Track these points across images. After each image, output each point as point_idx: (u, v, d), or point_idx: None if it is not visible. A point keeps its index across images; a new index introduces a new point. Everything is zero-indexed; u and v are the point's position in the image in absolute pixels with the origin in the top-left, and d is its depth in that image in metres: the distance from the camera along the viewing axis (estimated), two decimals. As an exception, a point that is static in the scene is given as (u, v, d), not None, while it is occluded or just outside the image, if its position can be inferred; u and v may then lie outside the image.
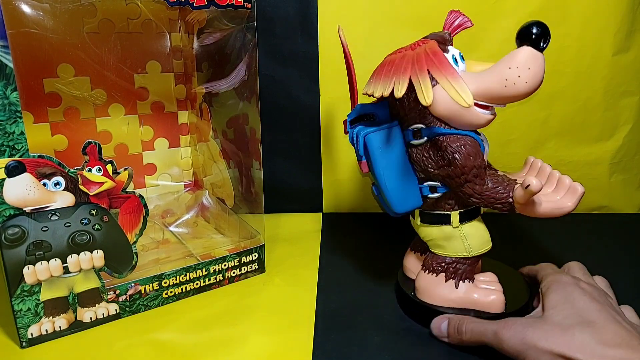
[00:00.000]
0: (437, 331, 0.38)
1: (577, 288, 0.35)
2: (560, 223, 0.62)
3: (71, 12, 0.45)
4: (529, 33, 0.31)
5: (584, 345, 0.30)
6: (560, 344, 0.30)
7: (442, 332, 0.37)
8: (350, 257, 0.53)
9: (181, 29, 0.55)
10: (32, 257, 0.36)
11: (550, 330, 0.31)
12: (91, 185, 0.38)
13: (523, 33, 0.31)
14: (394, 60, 0.34)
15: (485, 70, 0.34)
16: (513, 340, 0.32)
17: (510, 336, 0.32)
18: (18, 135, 0.34)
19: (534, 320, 0.33)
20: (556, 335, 0.31)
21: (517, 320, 0.34)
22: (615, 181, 0.64)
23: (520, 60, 0.32)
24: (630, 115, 0.62)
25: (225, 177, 0.54)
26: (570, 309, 0.33)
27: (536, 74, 0.32)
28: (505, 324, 0.33)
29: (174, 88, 0.58)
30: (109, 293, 0.41)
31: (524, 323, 0.33)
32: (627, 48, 0.59)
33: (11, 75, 0.33)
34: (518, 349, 0.32)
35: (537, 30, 0.31)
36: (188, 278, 0.45)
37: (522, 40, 0.32)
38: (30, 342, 0.38)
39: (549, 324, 0.32)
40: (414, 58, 0.33)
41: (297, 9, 0.61)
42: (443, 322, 0.37)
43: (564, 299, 0.34)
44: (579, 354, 0.29)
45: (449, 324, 0.37)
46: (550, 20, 0.57)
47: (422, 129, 0.36)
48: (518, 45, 0.32)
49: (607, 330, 0.30)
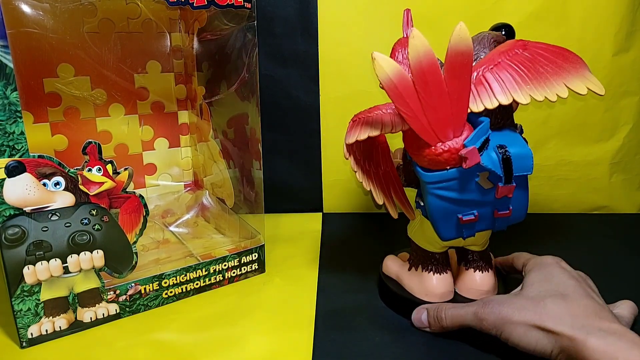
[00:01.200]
0: (418, 323, 0.39)
1: (557, 267, 0.36)
2: (560, 223, 0.63)
3: (71, 11, 0.45)
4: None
5: (554, 314, 0.31)
6: (532, 315, 0.31)
7: (423, 323, 0.38)
8: (350, 257, 0.53)
9: (181, 28, 0.55)
10: (32, 257, 0.36)
11: (524, 304, 0.33)
12: (91, 185, 0.38)
13: None
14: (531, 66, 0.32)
15: None
16: (491, 317, 0.33)
17: (487, 313, 0.33)
18: (18, 135, 0.34)
19: (509, 297, 0.34)
20: (529, 307, 0.32)
21: (494, 298, 0.35)
22: (616, 181, 0.64)
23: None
24: (630, 116, 0.62)
25: (226, 177, 0.54)
26: (546, 284, 0.34)
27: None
28: (483, 304, 0.34)
29: (174, 88, 0.58)
30: (109, 293, 0.41)
31: (500, 300, 0.34)
32: (627, 48, 0.59)
33: (11, 75, 0.33)
34: (496, 325, 0.33)
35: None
36: (188, 278, 0.45)
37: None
38: (30, 342, 0.38)
39: (523, 299, 0.33)
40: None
41: (297, 9, 0.61)
42: (423, 313, 0.38)
43: (542, 277, 0.35)
44: (549, 323, 0.30)
45: (428, 314, 0.38)
46: (550, 20, 0.58)
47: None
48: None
49: (578, 303, 0.31)
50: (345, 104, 0.63)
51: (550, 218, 0.64)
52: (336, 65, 0.62)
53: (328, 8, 0.60)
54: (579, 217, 0.64)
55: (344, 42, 0.61)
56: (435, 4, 0.58)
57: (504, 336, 0.33)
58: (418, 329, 0.39)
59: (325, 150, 0.66)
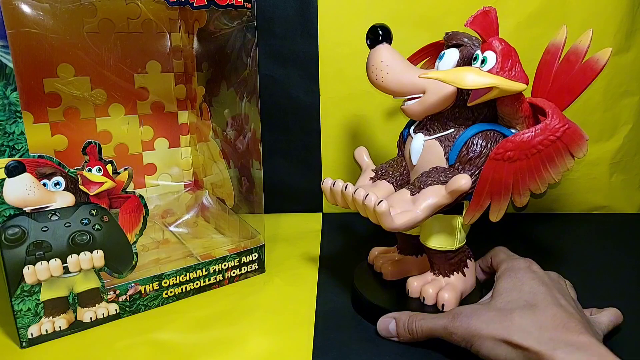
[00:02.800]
0: (385, 333, 0.38)
1: (528, 272, 0.36)
2: (560, 223, 0.63)
3: (71, 12, 0.45)
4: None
5: (522, 328, 0.31)
6: (500, 329, 0.31)
7: (390, 333, 0.38)
8: (350, 257, 0.53)
9: (181, 28, 0.55)
10: (32, 257, 0.36)
11: (492, 317, 0.32)
12: (91, 185, 0.38)
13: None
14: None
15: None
16: (460, 330, 0.33)
17: (457, 327, 0.33)
18: (18, 135, 0.34)
19: (478, 308, 0.34)
20: (497, 321, 0.32)
21: (463, 309, 0.34)
22: (616, 181, 0.64)
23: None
24: (630, 115, 0.62)
25: (226, 177, 0.54)
26: (516, 294, 0.34)
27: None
28: (453, 316, 0.34)
29: (174, 88, 0.58)
30: (109, 293, 0.41)
31: (469, 313, 0.34)
32: (627, 48, 0.59)
33: (11, 75, 0.33)
34: (465, 338, 0.33)
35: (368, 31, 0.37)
36: (188, 278, 0.45)
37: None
38: (30, 342, 0.38)
39: (492, 310, 0.33)
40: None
41: (297, 9, 0.61)
42: (390, 323, 0.38)
43: (512, 285, 0.35)
44: (516, 337, 0.30)
45: (397, 324, 0.37)
46: (550, 20, 0.58)
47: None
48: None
49: (546, 314, 0.31)
50: (345, 104, 0.63)
51: (549, 218, 0.64)
52: (336, 65, 0.62)
53: (328, 8, 0.60)
54: (578, 217, 0.64)
55: (344, 42, 0.61)
56: (435, 3, 0.58)
57: (474, 349, 0.33)
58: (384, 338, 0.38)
59: (325, 150, 0.66)
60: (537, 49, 0.59)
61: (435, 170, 0.37)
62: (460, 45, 0.38)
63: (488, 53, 0.34)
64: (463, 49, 0.37)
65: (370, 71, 0.37)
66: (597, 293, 0.44)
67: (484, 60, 0.34)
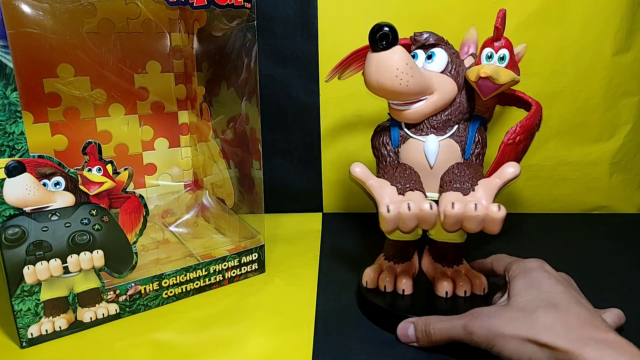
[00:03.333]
0: (404, 338, 0.37)
1: (541, 272, 0.35)
2: (560, 223, 0.63)
3: (71, 12, 0.45)
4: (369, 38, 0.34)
5: (548, 327, 0.30)
6: (526, 328, 0.30)
7: (410, 338, 0.37)
8: (350, 257, 0.53)
9: (181, 28, 0.55)
10: (32, 257, 0.36)
11: (515, 316, 0.32)
12: (91, 185, 0.38)
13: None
14: None
15: None
16: (481, 331, 0.32)
17: (478, 327, 0.32)
18: (18, 135, 0.34)
19: (499, 309, 0.33)
20: (521, 320, 0.31)
21: (482, 310, 0.34)
22: (616, 181, 0.64)
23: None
24: (630, 115, 0.62)
25: (226, 177, 0.54)
26: (534, 293, 0.33)
27: (367, 73, 0.36)
28: (472, 316, 0.33)
29: (174, 88, 0.58)
30: (109, 293, 0.41)
31: (489, 313, 0.33)
32: (627, 48, 0.59)
33: (11, 75, 0.33)
34: (487, 338, 0.32)
35: (373, 32, 0.34)
36: (188, 278, 0.45)
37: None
38: (30, 342, 0.38)
39: (513, 310, 0.32)
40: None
41: (297, 9, 0.61)
42: (409, 327, 0.37)
43: (528, 284, 0.34)
44: (543, 336, 0.30)
45: (416, 328, 0.36)
46: (550, 20, 0.58)
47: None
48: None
49: (569, 312, 0.31)
50: (345, 104, 0.63)
51: (549, 218, 0.64)
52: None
53: (328, 8, 0.60)
54: (578, 217, 0.64)
55: (344, 42, 0.61)
56: (435, 3, 0.58)
57: (496, 350, 0.31)
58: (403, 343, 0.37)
59: (325, 150, 0.66)
60: (537, 48, 0.60)
61: (466, 166, 0.36)
62: (439, 44, 0.38)
63: (504, 51, 0.36)
64: (446, 48, 0.38)
65: (390, 76, 0.34)
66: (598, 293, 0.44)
67: (504, 57, 0.36)
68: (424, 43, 0.38)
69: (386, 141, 0.41)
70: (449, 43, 0.39)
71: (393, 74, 0.34)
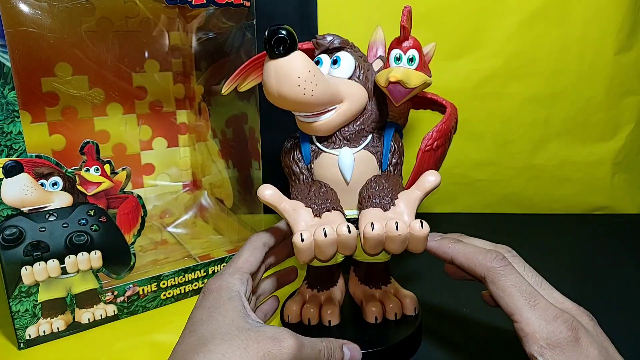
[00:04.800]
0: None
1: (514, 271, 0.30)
2: (562, 223, 0.62)
3: (69, 10, 0.45)
4: (264, 43, 0.29)
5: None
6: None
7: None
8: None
9: (180, 27, 0.55)
10: (30, 258, 0.36)
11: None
12: (89, 186, 0.38)
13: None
14: None
15: None
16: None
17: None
18: (15, 135, 0.34)
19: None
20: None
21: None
22: (618, 181, 0.64)
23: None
24: (632, 115, 0.62)
25: (224, 177, 0.54)
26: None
27: (266, 83, 0.30)
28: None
29: (173, 87, 0.57)
30: (107, 294, 0.40)
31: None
32: (629, 47, 0.59)
33: (9, 74, 0.33)
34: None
35: (268, 36, 0.29)
36: (186, 279, 0.44)
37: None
38: (28, 343, 0.38)
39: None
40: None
41: (297, 8, 0.60)
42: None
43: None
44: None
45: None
46: (552, 19, 0.58)
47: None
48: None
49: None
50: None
51: (551, 218, 0.64)
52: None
53: (327, 7, 0.60)
54: (580, 217, 0.64)
55: (344, 41, 0.61)
56: (435, 3, 0.58)
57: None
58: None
59: (325, 150, 0.65)
60: (539, 47, 0.59)
61: (384, 179, 0.33)
62: (344, 47, 0.35)
63: (413, 51, 0.33)
64: (352, 51, 0.35)
65: (292, 85, 0.30)
66: (600, 294, 0.44)
67: (413, 59, 0.32)
68: (328, 47, 0.34)
69: (297, 157, 0.37)
70: (355, 46, 0.35)
71: (295, 83, 0.29)
